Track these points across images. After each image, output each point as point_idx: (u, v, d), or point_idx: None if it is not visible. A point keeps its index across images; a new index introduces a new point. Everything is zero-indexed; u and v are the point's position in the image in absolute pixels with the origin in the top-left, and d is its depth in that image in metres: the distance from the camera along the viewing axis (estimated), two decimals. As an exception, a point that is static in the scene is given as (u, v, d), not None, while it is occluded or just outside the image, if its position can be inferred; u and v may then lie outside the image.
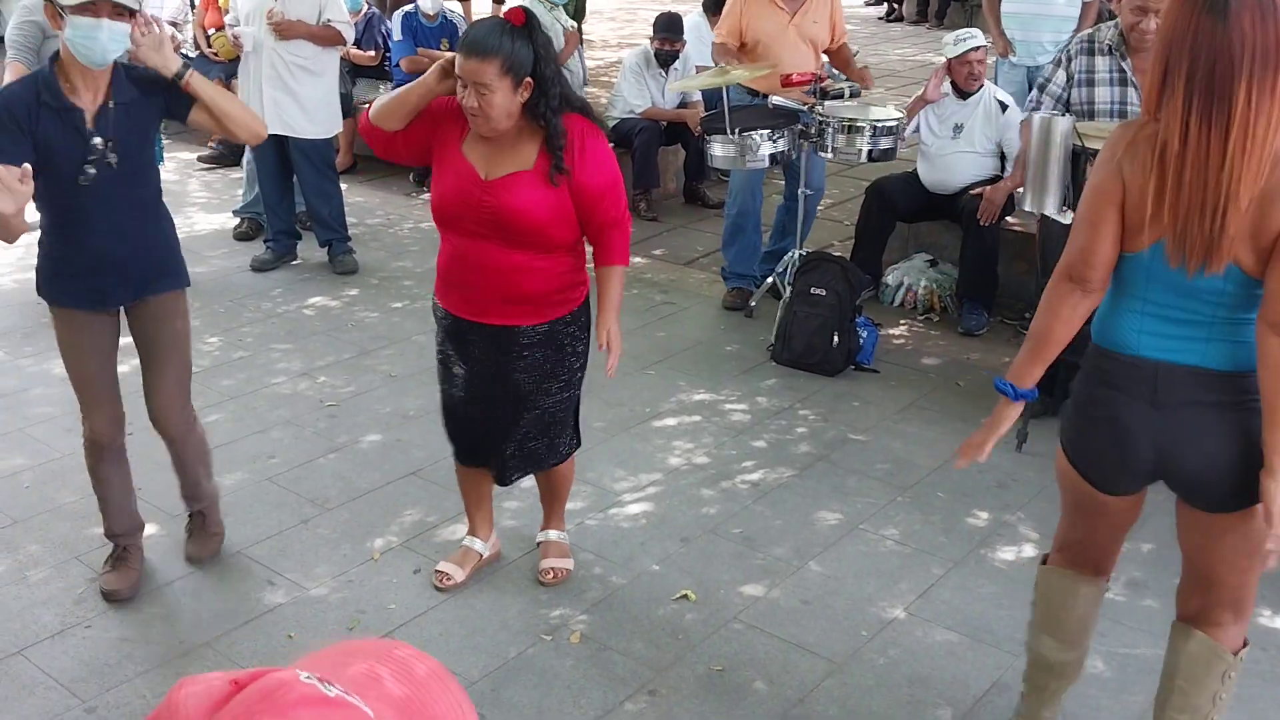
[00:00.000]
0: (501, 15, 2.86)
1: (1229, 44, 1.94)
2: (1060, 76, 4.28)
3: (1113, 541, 2.57)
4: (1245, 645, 2.45)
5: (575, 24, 7.58)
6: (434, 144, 2.97)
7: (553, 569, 3.39)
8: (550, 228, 2.89)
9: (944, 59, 5.36)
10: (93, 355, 3.16)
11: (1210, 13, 1.95)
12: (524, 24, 2.81)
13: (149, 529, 3.58)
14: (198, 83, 3.02)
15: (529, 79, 2.78)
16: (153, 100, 3.02)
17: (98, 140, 2.91)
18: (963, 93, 5.34)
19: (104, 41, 2.84)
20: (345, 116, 6.70)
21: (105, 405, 3.21)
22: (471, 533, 3.45)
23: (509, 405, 3.11)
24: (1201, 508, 2.31)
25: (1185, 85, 1.98)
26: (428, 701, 0.91)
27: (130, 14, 2.87)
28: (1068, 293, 2.28)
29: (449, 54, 7.84)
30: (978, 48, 5.27)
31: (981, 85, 5.35)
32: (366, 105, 3.33)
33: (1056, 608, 2.58)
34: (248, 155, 6.38)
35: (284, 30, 5.64)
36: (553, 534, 3.48)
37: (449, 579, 3.36)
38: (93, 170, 2.91)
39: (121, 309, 3.17)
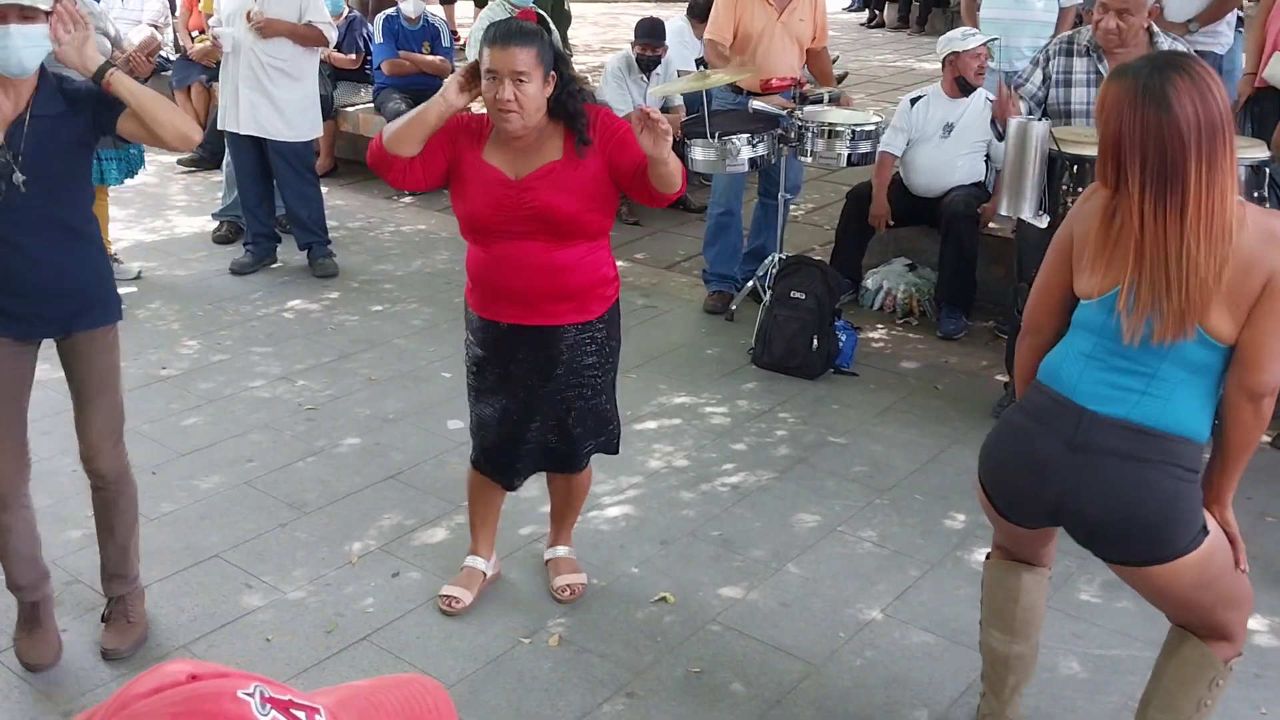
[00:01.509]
0: (515, 17, 2.91)
1: (1177, 131, 2.04)
2: (1037, 76, 4.32)
3: (1036, 547, 2.61)
4: (1239, 655, 2.46)
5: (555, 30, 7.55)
6: (454, 162, 2.93)
7: (569, 585, 3.35)
8: (588, 214, 2.90)
9: (948, 53, 5.33)
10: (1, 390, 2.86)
11: (1154, 107, 2.06)
12: (539, 22, 2.87)
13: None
14: (119, 82, 2.73)
15: (553, 72, 2.83)
16: (81, 115, 2.77)
17: (3, 155, 2.68)
18: (967, 87, 5.34)
19: (15, 49, 2.62)
20: (325, 119, 6.69)
21: (4, 449, 2.89)
22: (474, 551, 3.37)
23: (552, 410, 3.08)
24: (1100, 556, 2.39)
25: (1140, 175, 2.09)
26: None
27: (44, 15, 2.65)
28: (1026, 342, 2.47)
29: (432, 57, 7.75)
30: (987, 42, 5.32)
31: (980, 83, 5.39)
32: (348, 107, 3.30)
33: (1000, 599, 2.62)
34: (227, 158, 6.36)
35: (265, 29, 5.62)
36: (562, 550, 3.43)
37: (458, 603, 3.26)
38: (1, 185, 2.68)
39: (54, 343, 2.94)
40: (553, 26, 6.92)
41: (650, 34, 6.83)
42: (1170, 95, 2.05)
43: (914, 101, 5.48)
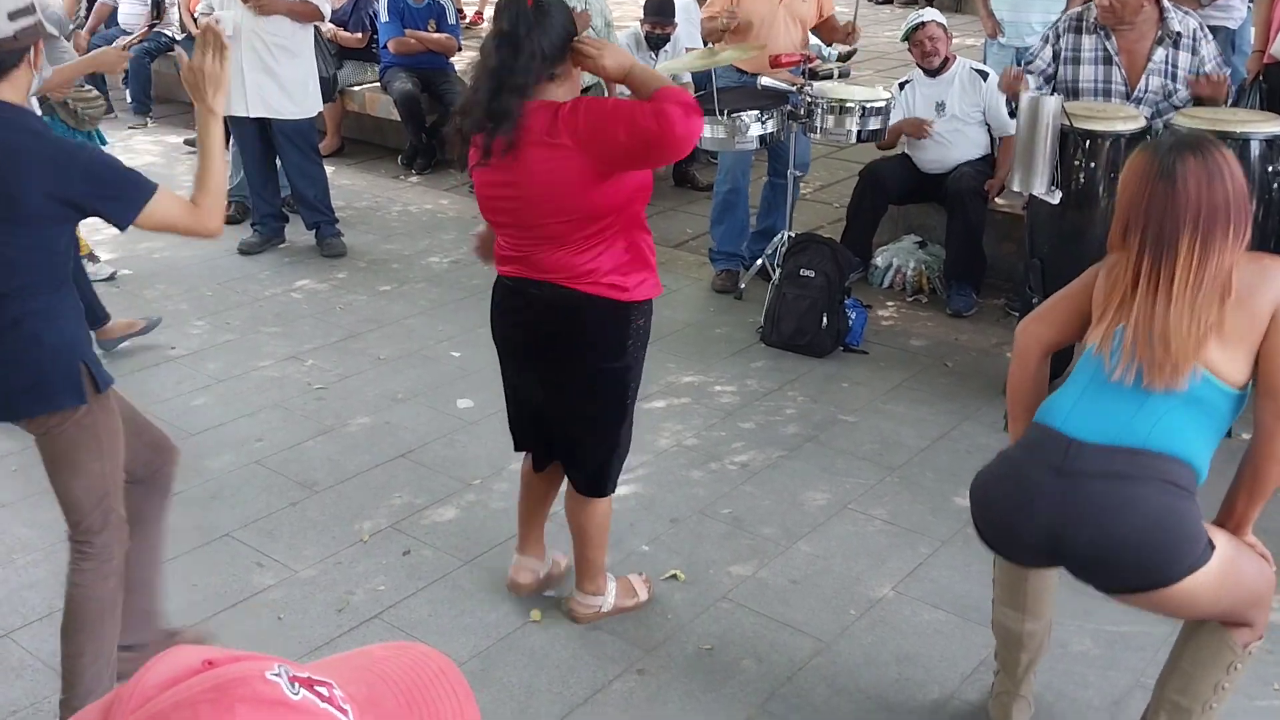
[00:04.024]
0: None
1: (1176, 204, 2.21)
2: (1046, 53, 4.29)
3: (1030, 589, 2.62)
4: (1259, 640, 2.45)
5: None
6: None
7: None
8: None
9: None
10: None
11: (1162, 179, 2.23)
12: None
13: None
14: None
15: None
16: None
17: None
18: (928, 72, 5.36)
19: None
20: (328, 100, 6.67)
21: None
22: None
23: None
24: (1101, 589, 2.38)
25: (1140, 239, 2.26)
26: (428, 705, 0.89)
27: None
28: (1014, 358, 2.62)
29: (438, 35, 7.67)
30: (922, 25, 5.32)
31: (946, 60, 5.36)
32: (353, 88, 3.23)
33: (1011, 577, 2.61)
34: (233, 138, 6.35)
35: (263, 6, 5.59)
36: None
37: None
38: None
39: None
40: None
41: (659, 11, 6.79)
42: (1178, 172, 2.21)
43: (903, 85, 5.48)
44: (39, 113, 4.29)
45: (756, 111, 4.96)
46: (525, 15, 2.58)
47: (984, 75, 5.35)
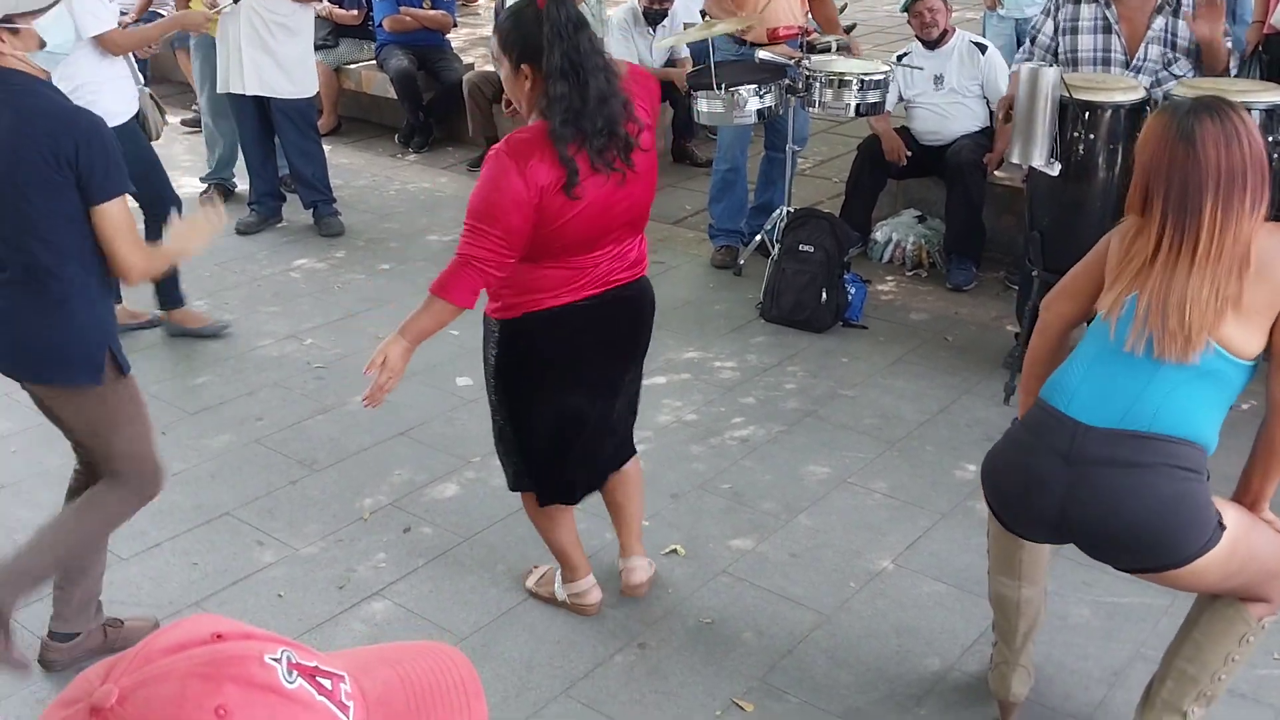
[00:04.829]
0: None
1: (1197, 167, 2.18)
2: (1049, 26, 4.27)
3: (1030, 562, 2.62)
4: (1273, 615, 2.44)
5: None
6: None
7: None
8: None
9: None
10: None
11: (1182, 141, 2.21)
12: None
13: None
14: None
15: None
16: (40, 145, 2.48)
17: None
18: (927, 44, 5.33)
19: None
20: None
21: None
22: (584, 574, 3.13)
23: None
24: (1115, 567, 2.39)
25: (1163, 204, 2.22)
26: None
27: None
28: (1037, 327, 2.63)
29: (433, 12, 7.59)
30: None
31: (945, 32, 5.32)
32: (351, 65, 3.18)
33: (1005, 545, 2.60)
34: (206, 119, 6.35)
35: None
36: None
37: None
38: None
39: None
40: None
41: (656, -14, 6.74)
42: (1197, 135, 2.19)
43: (900, 58, 5.44)
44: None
45: (754, 86, 4.93)
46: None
47: (982, 49, 5.32)
